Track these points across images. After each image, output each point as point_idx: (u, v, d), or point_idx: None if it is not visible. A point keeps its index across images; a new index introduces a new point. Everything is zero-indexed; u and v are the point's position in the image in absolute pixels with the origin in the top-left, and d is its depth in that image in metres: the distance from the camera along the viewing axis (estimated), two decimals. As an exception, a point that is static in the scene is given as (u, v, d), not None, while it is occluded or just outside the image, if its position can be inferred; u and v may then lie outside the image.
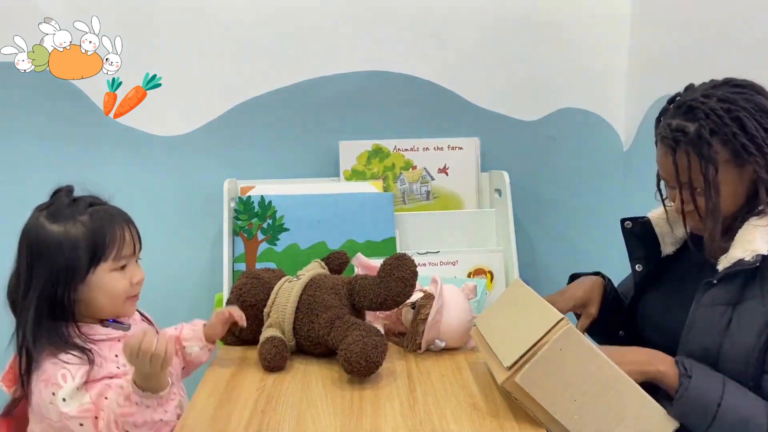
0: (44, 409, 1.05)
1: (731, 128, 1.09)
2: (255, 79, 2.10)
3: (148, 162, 2.09)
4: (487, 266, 2.03)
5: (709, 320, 1.12)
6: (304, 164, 2.14)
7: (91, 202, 1.14)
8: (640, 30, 2.12)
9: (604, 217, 2.22)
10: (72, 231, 1.08)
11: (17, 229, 1.17)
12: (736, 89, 1.13)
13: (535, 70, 2.17)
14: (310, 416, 1.12)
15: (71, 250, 1.08)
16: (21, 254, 1.11)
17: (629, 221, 1.34)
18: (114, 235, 1.12)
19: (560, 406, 1.05)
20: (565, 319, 1.07)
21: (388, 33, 2.11)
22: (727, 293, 1.11)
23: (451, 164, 2.12)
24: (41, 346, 1.07)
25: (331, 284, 1.42)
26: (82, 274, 1.09)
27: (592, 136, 2.21)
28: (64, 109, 2.04)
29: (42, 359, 1.07)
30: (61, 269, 1.07)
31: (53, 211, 1.11)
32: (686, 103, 1.14)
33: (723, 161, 1.11)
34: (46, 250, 1.08)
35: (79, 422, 1.03)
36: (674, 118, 1.15)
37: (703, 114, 1.11)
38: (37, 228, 1.10)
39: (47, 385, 1.04)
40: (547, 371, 1.05)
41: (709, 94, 1.13)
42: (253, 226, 1.98)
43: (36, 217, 1.12)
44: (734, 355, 1.08)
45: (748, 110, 1.10)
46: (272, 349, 1.32)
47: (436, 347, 1.42)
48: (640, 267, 1.32)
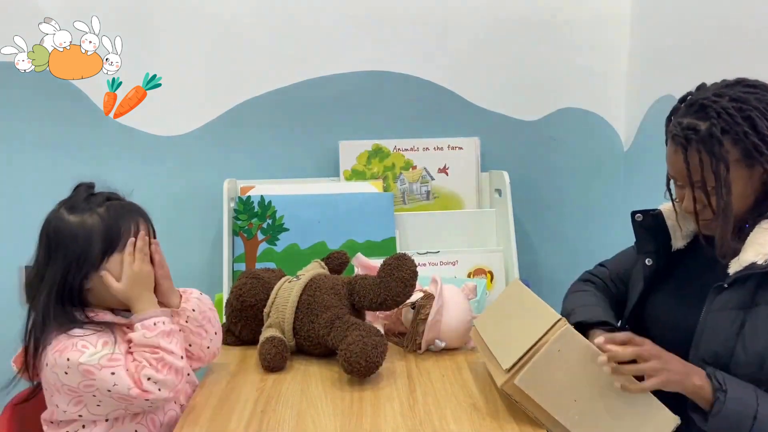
0: (62, 378, 1.06)
1: (742, 127, 1.08)
2: (255, 79, 2.10)
3: (148, 162, 2.09)
4: (487, 266, 2.03)
5: (721, 325, 1.10)
6: (304, 164, 2.14)
7: (108, 196, 1.19)
8: (640, 30, 2.12)
9: (604, 217, 2.23)
10: (88, 221, 1.13)
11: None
12: (749, 89, 1.13)
13: (535, 70, 2.17)
14: (310, 416, 1.12)
15: (86, 240, 1.12)
16: (40, 243, 1.16)
17: (640, 214, 1.32)
18: (128, 228, 1.16)
19: (561, 407, 1.05)
20: (563, 320, 1.07)
21: (388, 33, 2.11)
22: (738, 297, 1.10)
23: (451, 164, 2.12)
24: (49, 328, 1.10)
25: (331, 284, 1.42)
26: (96, 263, 1.13)
27: (592, 136, 2.21)
28: (64, 109, 2.04)
29: (50, 338, 1.10)
30: (75, 257, 1.12)
31: (72, 203, 1.16)
32: (698, 102, 1.13)
33: (733, 160, 1.10)
34: (62, 239, 1.13)
35: (110, 371, 1.05)
36: (686, 117, 1.14)
37: (714, 113, 1.10)
38: (56, 219, 1.15)
39: (62, 353, 1.06)
40: (547, 372, 1.05)
41: (721, 93, 1.12)
42: (252, 226, 1.98)
43: (56, 210, 1.17)
44: (747, 360, 1.07)
45: (759, 110, 1.09)
46: (272, 349, 1.32)
47: (436, 347, 1.42)
48: (650, 261, 1.30)
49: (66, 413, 1.08)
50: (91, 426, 1.10)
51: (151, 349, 1.09)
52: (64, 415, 1.09)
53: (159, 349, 1.10)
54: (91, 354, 1.05)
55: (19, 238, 2.10)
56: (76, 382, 1.05)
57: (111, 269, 1.14)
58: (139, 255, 1.15)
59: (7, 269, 2.12)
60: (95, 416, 1.09)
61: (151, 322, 1.12)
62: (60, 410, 1.09)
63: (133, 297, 1.14)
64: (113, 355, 1.06)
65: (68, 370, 1.05)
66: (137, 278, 1.14)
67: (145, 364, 1.08)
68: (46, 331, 1.10)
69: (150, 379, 1.07)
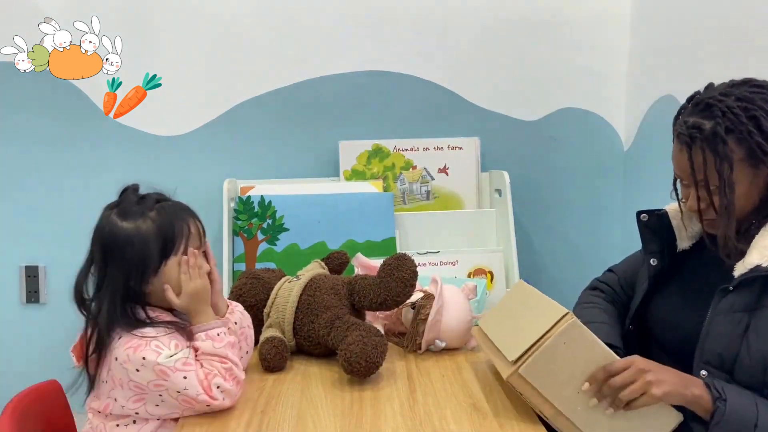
0: (132, 375, 1.08)
1: (747, 126, 1.09)
2: (255, 79, 2.10)
3: (148, 162, 2.09)
4: (487, 266, 2.03)
5: (726, 328, 1.10)
6: (304, 164, 2.14)
7: (157, 198, 1.20)
8: (640, 30, 2.12)
9: (604, 217, 2.23)
10: (142, 227, 1.14)
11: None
12: (755, 89, 1.13)
13: (535, 70, 2.17)
14: (310, 416, 1.12)
15: (142, 245, 1.13)
16: (95, 250, 1.16)
17: (645, 214, 1.31)
18: (181, 229, 1.17)
19: (565, 399, 1.06)
20: (570, 314, 1.07)
21: (389, 33, 2.11)
22: (744, 300, 1.10)
23: (451, 164, 2.12)
24: (114, 327, 1.12)
25: (331, 284, 1.42)
26: (155, 267, 1.14)
27: (592, 136, 2.21)
28: (64, 109, 2.05)
29: (115, 335, 1.11)
30: (134, 263, 1.13)
31: (123, 209, 1.16)
32: (704, 101, 1.13)
33: (738, 159, 1.10)
34: (118, 247, 1.13)
35: (183, 375, 1.07)
36: (692, 116, 1.14)
37: (719, 112, 1.10)
38: (110, 225, 1.15)
39: (135, 350, 1.07)
40: (552, 364, 1.05)
41: (728, 93, 1.12)
42: (253, 226, 1.98)
43: (107, 216, 1.17)
44: (751, 363, 1.07)
45: (765, 110, 1.09)
46: (272, 349, 1.32)
47: (436, 347, 1.42)
48: (655, 261, 1.30)
49: (124, 408, 1.11)
50: (141, 423, 1.12)
51: (220, 359, 1.13)
52: (121, 409, 1.11)
53: (227, 360, 1.13)
54: (167, 356, 1.08)
55: (20, 238, 2.12)
56: (147, 381, 1.08)
57: (169, 274, 1.15)
58: (194, 271, 1.16)
59: (8, 268, 2.12)
60: (150, 415, 1.11)
61: (215, 333, 1.15)
62: (118, 404, 1.11)
63: (192, 311, 1.17)
64: (187, 360, 1.09)
65: (141, 368, 1.07)
66: (194, 295, 1.16)
67: (216, 373, 1.11)
68: (111, 329, 1.11)
69: (219, 388, 1.10)
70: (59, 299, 2.11)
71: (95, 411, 1.15)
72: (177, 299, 1.15)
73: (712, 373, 1.10)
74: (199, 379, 1.09)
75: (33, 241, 2.11)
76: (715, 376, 1.10)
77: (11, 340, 2.13)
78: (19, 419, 1.20)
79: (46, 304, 2.13)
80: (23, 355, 2.11)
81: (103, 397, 1.14)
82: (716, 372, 1.10)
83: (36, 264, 2.11)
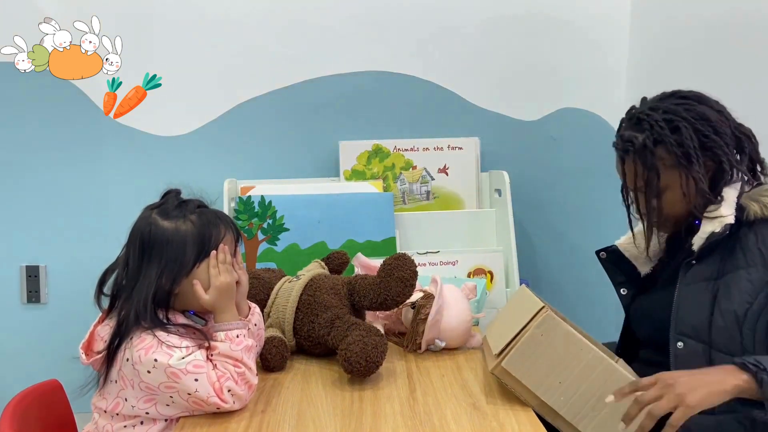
0: (143, 376, 1.09)
1: (670, 138, 1.20)
2: (255, 79, 2.10)
3: (148, 162, 2.09)
4: (487, 266, 2.03)
5: (696, 297, 1.18)
6: (304, 164, 2.14)
7: (198, 204, 1.24)
8: (640, 30, 2.12)
9: (604, 217, 2.22)
10: (182, 228, 1.17)
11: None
12: (680, 100, 1.24)
13: (535, 70, 2.17)
14: (310, 416, 1.12)
15: (180, 245, 1.16)
16: (132, 247, 1.18)
17: (603, 251, 1.43)
18: (219, 235, 1.20)
19: (546, 388, 1.11)
20: (545, 308, 1.14)
21: (389, 33, 2.11)
22: (708, 268, 1.19)
23: (451, 164, 2.12)
24: (138, 327, 1.12)
25: (331, 284, 1.42)
26: (188, 268, 1.17)
27: (592, 136, 2.21)
28: (64, 109, 2.05)
29: (131, 334, 1.12)
30: (170, 262, 1.15)
31: (165, 210, 1.19)
32: (636, 116, 1.26)
33: (669, 166, 1.22)
34: (158, 244, 1.16)
35: (194, 377, 1.08)
36: (627, 130, 1.26)
37: (648, 125, 1.22)
38: (150, 224, 1.17)
39: (147, 352, 1.08)
40: (531, 355, 1.12)
41: (656, 107, 1.25)
42: (253, 226, 1.98)
43: (148, 215, 1.19)
44: (725, 323, 1.14)
45: (688, 120, 1.20)
46: (272, 349, 1.32)
47: (436, 347, 1.42)
48: (625, 291, 1.40)
49: (134, 408, 1.11)
50: (149, 424, 1.13)
51: (234, 362, 1.13)
52: (131, 410, 1.12)
53: (242, 364, 1.13)
54: (179, 358, 1.08)
55: (20, 238, 2.12)
56: (158, 382, 1.08)
57: (200, 276, 1.17)
58: (223, 267, 1.18)
59: (8, 268, 2.12)
60: (160, 416, 1.12)
61: (234, 334, 1.15)
62: (128, 405, 1.12)
63: (218, 308, 1.18)
64: (198, 362, 1.10)
65: (152, 369, 1.08)
66: (222, 290, 1.17)
67: (228, 376, 1.11)
68: (134, 327, 1.12)
69: (230, 391, 1.11)
70: (60, 299, 2.12)
71: (102, 411, 1.16)
72: (205, 295, 1.16)
73: (687, 344, 1.17)
74: (211, 382, 1.09)
75: (33, 241, 2.11)
76: (691, 347, 1.16)
77: (11, 340, 2.12)
78: (19, 419, 1.20)
79: (46, 304, 2.13)
80: (23, 355, 2.11)
81: (112, 397, 1.14)
82: (692, 343, 1.16)
83: (36, 264, 2.11)
